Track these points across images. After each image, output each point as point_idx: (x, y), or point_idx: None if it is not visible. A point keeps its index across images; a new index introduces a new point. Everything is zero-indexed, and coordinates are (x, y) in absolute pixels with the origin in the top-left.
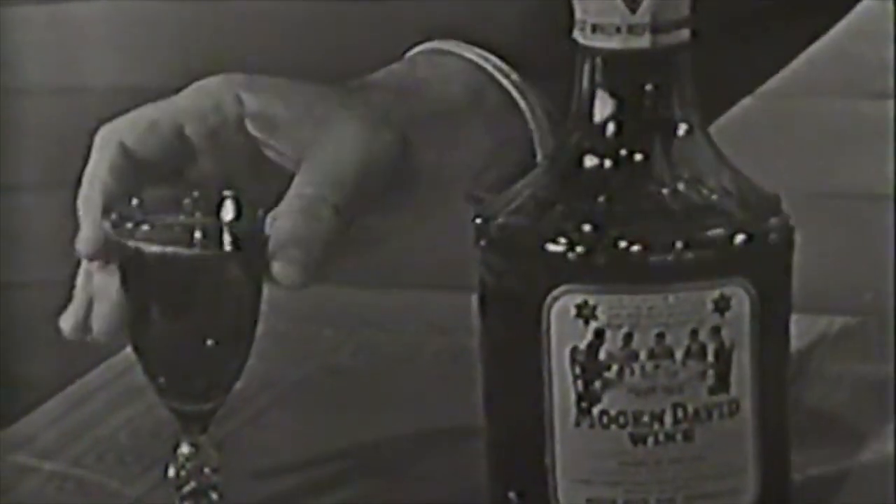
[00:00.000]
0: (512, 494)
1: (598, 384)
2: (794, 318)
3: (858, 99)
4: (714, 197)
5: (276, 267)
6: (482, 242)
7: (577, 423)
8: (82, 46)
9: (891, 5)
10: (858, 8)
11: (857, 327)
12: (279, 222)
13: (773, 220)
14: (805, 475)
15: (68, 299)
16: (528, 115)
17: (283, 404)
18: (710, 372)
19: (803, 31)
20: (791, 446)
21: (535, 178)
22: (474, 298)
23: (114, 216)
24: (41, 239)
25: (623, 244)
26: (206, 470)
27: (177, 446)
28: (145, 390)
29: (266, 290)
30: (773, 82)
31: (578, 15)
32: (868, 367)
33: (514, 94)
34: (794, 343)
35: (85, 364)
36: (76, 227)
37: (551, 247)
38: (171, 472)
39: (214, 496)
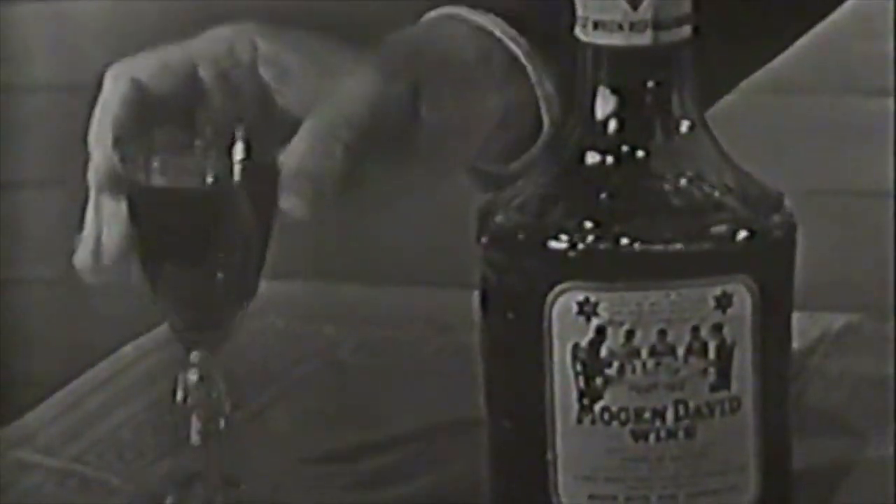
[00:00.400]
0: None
1: (599, 381)
2: (795, 315)
3: (859, 96)
4: (716, 193)
5: (285, 200)
6: (484, 239)
7: (579, 420)
8: (85, 43)
9: (890, 3)
10: (858, 4)
11: (858, 325)
12: (289, 157)
13: (776, 217)
14: (806, 472)
15: (70, 297)
16: (534, 79)
17: (283, 401)
18: (712, 369)
19: (795, 26)
20: (792, 443)
21: (536, 175)
22: (475, 295)
23: (124, 149)
24: (43, 236)
25: (625, 241)
26: (214, 395)
27: (184, 370)
28: (146, 387)
29: (265, 285)
30: (773, 79)
31: (580, 12)
32: (869, 365)
33: (522, 59)
34: (796, 340)
35: (86, 361)
36: (77, 225)
37: (553, 244)
38: (179, 396)
39: (221, 422)
